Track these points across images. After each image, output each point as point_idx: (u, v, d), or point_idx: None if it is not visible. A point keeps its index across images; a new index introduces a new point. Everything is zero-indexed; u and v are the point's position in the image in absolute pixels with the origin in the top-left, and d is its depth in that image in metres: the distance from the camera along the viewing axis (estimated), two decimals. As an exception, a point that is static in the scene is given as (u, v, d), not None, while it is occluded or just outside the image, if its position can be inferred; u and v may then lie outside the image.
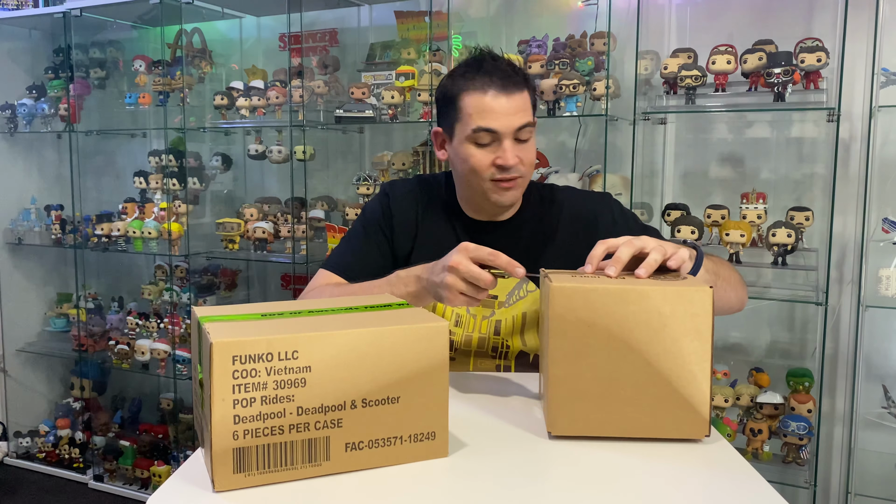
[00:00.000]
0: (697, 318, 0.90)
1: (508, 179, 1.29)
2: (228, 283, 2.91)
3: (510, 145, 1.27)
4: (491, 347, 1.38)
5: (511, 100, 1.27)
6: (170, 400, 2.84)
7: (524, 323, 1.37)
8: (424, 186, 1.46)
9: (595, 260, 1.00)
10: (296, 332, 0.80)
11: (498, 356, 1.38)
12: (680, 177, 2.26)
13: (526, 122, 1.28)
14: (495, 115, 1.27)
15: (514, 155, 1.27)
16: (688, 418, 0.92)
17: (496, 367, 1.39)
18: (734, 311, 1.33)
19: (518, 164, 1.28)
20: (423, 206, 1.43)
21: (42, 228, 3.02)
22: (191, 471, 0.84)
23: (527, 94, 1.30)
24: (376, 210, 1.44)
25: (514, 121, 1.27)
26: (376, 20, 2.66)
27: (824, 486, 2.09)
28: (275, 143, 2.58)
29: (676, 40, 2.19)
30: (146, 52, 2.84)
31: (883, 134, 1.93)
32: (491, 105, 1.26)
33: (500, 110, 1.26)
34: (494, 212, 1.39)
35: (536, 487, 0.82)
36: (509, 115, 1.27)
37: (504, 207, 1.37)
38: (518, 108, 1.27)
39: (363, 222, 1.45)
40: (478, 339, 1.38)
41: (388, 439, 0.85)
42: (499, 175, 1.29)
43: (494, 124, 1.26)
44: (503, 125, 1.27)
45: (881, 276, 1.84)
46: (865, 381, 2.01)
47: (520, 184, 1.32)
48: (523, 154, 1.29)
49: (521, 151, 1.29)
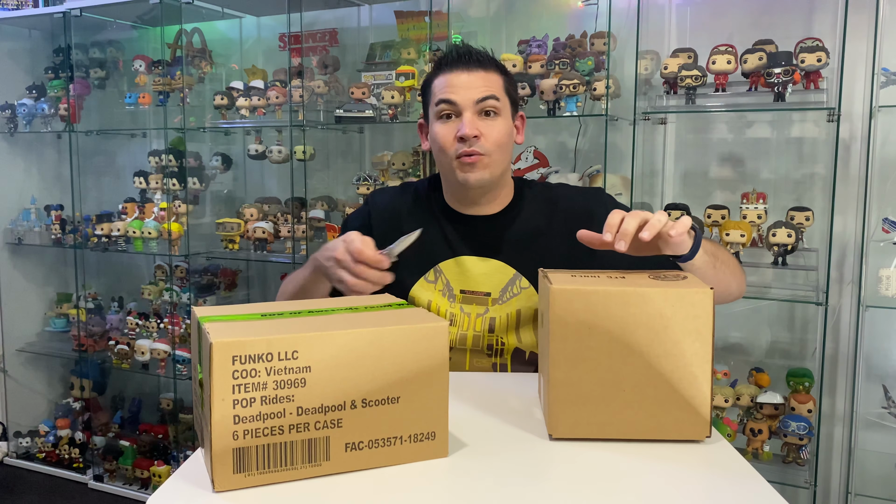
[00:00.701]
0: (698, 319, 0.90)
1: (470, 154, 1.30)
2: (228, 283, 2.91)
3: (470, 117, 1.31)
4: (486, 345, 1.38)
5: (472, 75, 1.32)
6: (170, 400, 2.84)
7: (519, 320, 1.37)
8: (407, 191, 1.49)
9: (613, 228, 1.03)
10: (296, 332, 0.80)
11: (493, 354, 1.38)
12: (680, 177, 2.26)
13: (488, 94, 1.31)
14: (454, 88, 1.31)
15: (473, 126, 1.29)
16: (688, 419, 0.92)
17: (492, 365, 1.38)
18: (734, 298, 1.32)
19: (479, 137, 1.30)
20: (406, 212, 1.45)
21: (42, 228, 3.02)
22: (191, 471, 0.84)
23: (494, 75, 1.34)
24: (357, 223, 1.48)
25: (473, 93, 1.31)
26: (376, 20, 2.66)
27: (824, 486, 2.09)
28: (275, 143, 2.58)
29: (676, 40, 2.19)
30: (146, 52, 2.84)
31: (883, 134, 1.93)
32: (451, 80, 1.32)
33: (459, 83, 1.31)
34: (472, 198, 1.39)
35: (536, 488, 0.82)
36: (469, 88, 1.31)
37: (475, 191, 1.36)
38: (479, 82, 1.31)
39: (342, 231, 1.50)
40: (472, 337, 1.38)
41: (388, 439, 0.85)
42: (461, 149, 1.31)
43: (453, 96, 1.31)
44: (462, 97, 1.31)
45: (881, 276, 1.84)
46: (865, 381, 2.01)
47: (485, 162, 1.32)
48: (486, 129, 1.31)
49: (484, 127, 1.31)
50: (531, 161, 2.29)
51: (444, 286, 1.39)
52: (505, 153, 1.35)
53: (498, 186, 1.39)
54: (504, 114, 1.34)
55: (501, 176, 1.37)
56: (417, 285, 1.40)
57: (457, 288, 1.39)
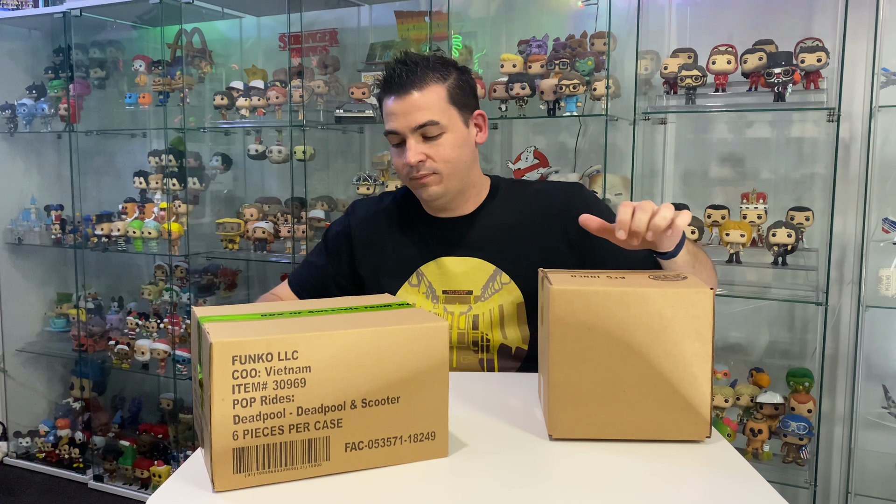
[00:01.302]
0: (698, 319, 0.90)
1: (420, 176, 1.33)
2: (228, 283, 2.91)
3: (413, 144, 1.31)
4: (471, 342, 1.39)
5: (405, 101, 1.30)
6: (170, 400, 2.84)
7: (502, 315, 1.38)
8: (386, 199, 1.52)
9: (626, 226, 1.05)
10: (296, 332, 0.80)
11: (480, 350, 1.39)
12: (680, 177, 2.26)
13: (424, 120, 1.30)
14: (394, 117, 1.32)
15: (416, 153, 1.31)
16: (688, 420, 0.92)
17: (479, 362, 1.40)
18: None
19: (424, 161, 1.32)
20: (385, 221, 1.47)
21: (42, 228, 3.02)
22: (191, 471, 0.84)
23: (431, 92, 1.31)
24: (337, 229, 1.51)
25: (409, 120, 1.31)
26: (376, 20, 2.66)
27: (824, 486, 2.09)
28: (275, 143, 2.58)
29: (676, 40, 2.19)
30: (146, 52, 2.84)
31: (883, 134, 1.93)
32: (390, 108, 1.33)
33: (397, 111, 1.31)
34: (439, 206, 1.41)
35: (536, 487, 0.82)
36: (404, 115, 1.31)
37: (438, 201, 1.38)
38: (414, 107, 1.30)
39: (324, 238, 1.54)
40: (457, 334, 1.39)
41: (388, 439, 0.85)
42: (412, 173, 1.34)
43: (393, 125, 1.32)
44: (400, 125, 1.32)
45: (881, 276, 1.84)
46: (865, 381, 2.01)
47: (436, 180, 1.34)
48: (432, 151, 1.32)
49: (429, 149, 1.32)
50: (531, 161, 2.29)
51: (427, 288, 1.41)
52: (459, 164, 1.35)
53: (463, 191, 1.40)
54: (451, 127, 1.33)
55: (462, 182, 1.38)
56: (402, 290, 1.43)
57: (439, 289, 1.41)
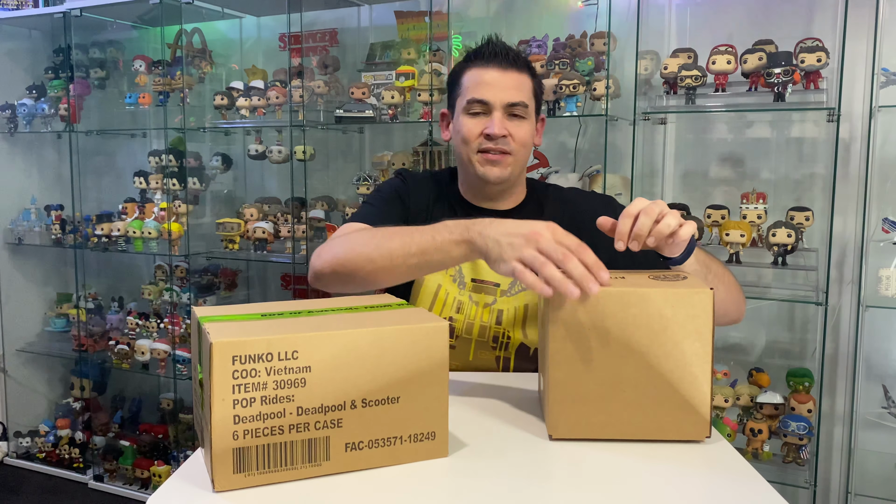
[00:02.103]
0: (698, 319, 0.90)
1: (495, 151, 1.34)
2: (228, 283, 2.91)
3: (499, 116, 1.33)
4: (492, 337, 1.38)
5: (505, 75, 1.34)
6: (170, 400, 2.84)
7: (526, 315, 1.38)
8: (435, 178, 1.51)
9: (624, 236, 1.03)
10: (296, 332, 0.80)
11: (498, 347, 1.39)
12: (680, 177, 2.26)
13: (518, 100, 1.33)
14: (488, 87, 1.33)
15: (501, 126, 1.32)
16: (688, 420, 0.92)
17: (496, 359, 1.39)
18: (730, 320, 1.29)
19: (506, 137, 1.33)
20: (434, 197, 1.46)
21: (42, 228, 3.02)
22: (191, 471, 0.84)
23: (525, 78, 1.36)
24: (396, 186, 1.46)
25: (505, 95, 1.33)
26: (376, 20, 2.66)
27: (824, 486, 2.09)
28: (275, 143, 2.58)
29: (676, 40, 2.19)
30: (146, 52, 2.84)
31: (883, 134, 1.93)
32: (485, 78, 1.34)
33: (492, 83, 1.33)
34: (488, 193, 1.41)
35: (537, 487, 0.82)
36: (502, 89, 1.33)
37: (493, 186, 1.38)
38: (512, 84, 1.34)
39: (381, 194, 1.45)
40: (479, 328, 1.38)
41: (388, 439, 0.85)
42: (486, 144, 1.34)
43: (486, 95, 1.33)
44: (494, 97, 1.33)
45: (881, 276, 1.84)
46: (865, 381, 2.01)
47: (508, 161, 1.35)
48: (514, 130, 1.34)
49: (512, 127, 1.34)
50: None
51: (457, 272, 1.41)
52: (525, 153, 1.39)
53: (514, 184, 1.42)
54: (530, 117, 1.37)
55: (520, 174, 1.42)
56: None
57: (468, 276, 1.40)
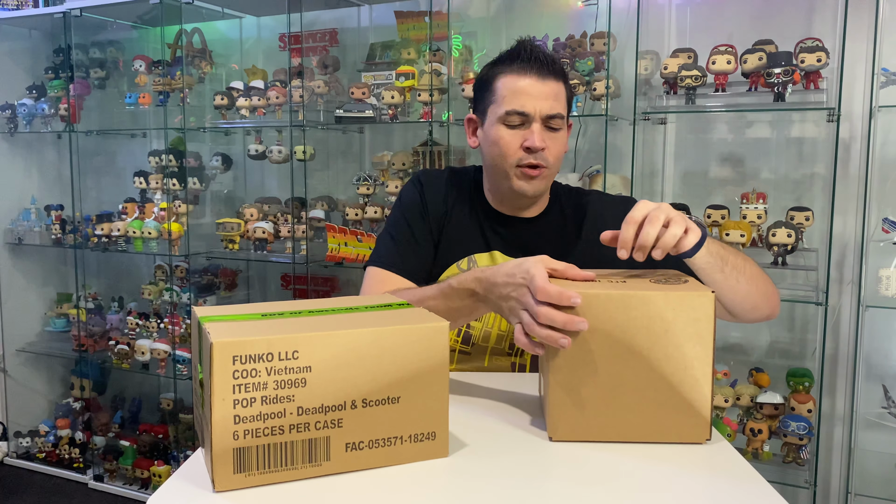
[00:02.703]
0: (699, 323, 0.90)
1: (534, 167, 1.29)
2: (228, 283, 2.91)
3: (539, 129, 1.28)
4: (508, 344, 1.37)
5: (545, 86, 1.28)
6: (170, 400, 2.84)
7: None
8: (455, 177, 1.45)
9: (628, 245, 1.01)
10: (296, 332, 0.80)
11: (514, 353, 1.37)
12: (680, 177, 2.26)
13: (557, 111, 1.29)
14: (528, 98, 1.27)
15: (542, 139, 1.28)
16: (689, 423, 0.92)
17: (511, 365, 1.38)
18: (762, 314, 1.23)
19: (545, 150, 1.29)
20: (453, 197, 1.42)
21: (42, 228, 3.02)
22: (191, 471, 0.84)
23: (562, 87, 1.31)
24: (414, 197, 1.42)
25: (545, 106, 1.28)
26: (376, 20, 2.66)
27: (824, 486, 2.09)
28: (275, 143, 2.58)
29: (676, 40, 2.19)
30: (146, 52, 2.84)
31: (883, 134, 1.93)
32: (525, 88, 1.28)
33: (533, 93, 1.27)
34: (519, 204, 1.38)
35: (537, 488, 0.82)
36: (542, 99, 1.27)
37: (527, 199, 1.36)
38: (551, 95, 1.28)
39: (402, 211, 1.41)
40: (496, 336, 1.37)
41: (388, 439, 0.85)
42: (525, 160, 1.29)
43: (527, 106, 1.27)
44: (534, 108, 1.27)
45: (881, 276, 1.84)
46: (865, 381, 2.01)
47: (545, 175, 1.31)
48: (551, 143, 1.30)
49: (549, 140, 1.29)
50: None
51: None
52: (559, 165, 1.35)
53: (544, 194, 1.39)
54: (564, 128, 1.33)
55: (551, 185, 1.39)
56: (451, 269, 1.38)
57: None
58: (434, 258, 1.39)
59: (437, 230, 1.40)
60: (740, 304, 1.16)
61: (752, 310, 1.20)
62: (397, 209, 1.43)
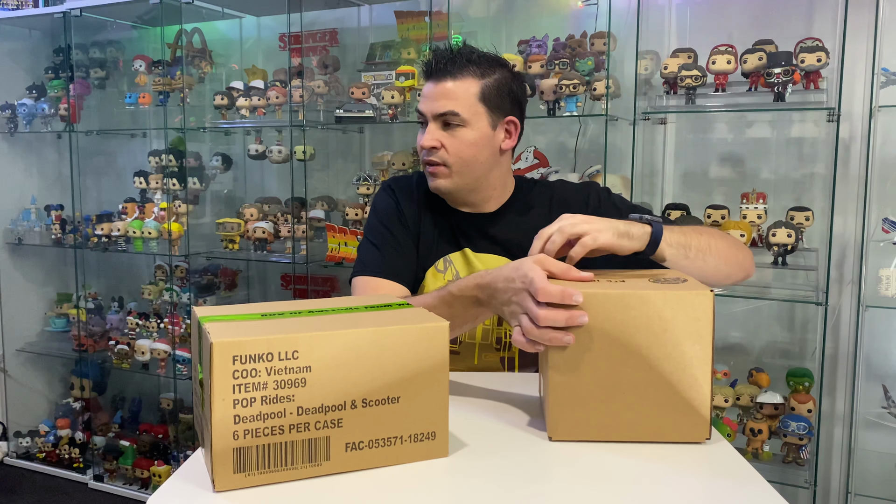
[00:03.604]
0: (698, 322, 0.90)
1: (431, 164, 1.35)
2: (228, 283, 2.91)
3: (433, 128, 1.33)
4: (495, 339, 1.38)
5: (438, 87, 1.33)
6: (170, 400, 2.84)
7: None
8: (423, 181, 1.46)
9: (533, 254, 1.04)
10: (296, 332, 0.80)
11: (502, 348, 1.38)
12: (680, 177, 2.26)
13: (448, 109, 1.31)
14: (424, 100, 1.35)
15: (431, 138, 1.33)
16: (688, 422, 0.92)
17: (500, 360, 1.39)
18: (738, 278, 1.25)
19: (438, 148, 1.33)
20: (423, 202, 1.44)
21: (42, 228, 3.03)
22: (191, 471, 0.84)
23: (467, 84, 1.32)
24: (390, 204, 1.43)
25: (436, 106, 1.32)
26: (376, 20, 2.66)
27: (824, 486, 2.09)
28: (275, 143, 2.58)
29: (676, 40, 2.19)
30: (146, 52, 2.84)
31: (883, 134, 1.93)
32: (425, 92, 1.36)
33: (429, 95, 1.34)
34: (465, 200, 1.40)
35: (537, 488, 0.82)
36: (433, 100, 1.33)
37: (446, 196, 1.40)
38: (443, 94, 1.32)
39: (380, 218, 1.42)
40: (482, 331, 1.38)
41: (388, 439, 0.85)
42: (424, 158, 1.36)
43: (422, 108, 1.36)
44: (426, 108, 1.35)
45: (881, 276, 1.84)
46: (865, 381, 2.01)
47: (444, 173, 1.35)
48: (447, 141, 1.33)
49: (445, 138, 1.33)
50: (531, 161, 2.29)
51: (455, 277, 1.39)
52: (472, 162, 1.34)
53: (478, 190, 1.39)
54: (473, 124, 1.32)
55: (476, 182, 1.37)
56: (429, 273, 1.40)
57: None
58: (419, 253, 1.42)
59: (415, 234, 1.42)
60: (712, 278, 1.18)
61: (726, 278, 1.23)
62: (374, 217, 1.44)
